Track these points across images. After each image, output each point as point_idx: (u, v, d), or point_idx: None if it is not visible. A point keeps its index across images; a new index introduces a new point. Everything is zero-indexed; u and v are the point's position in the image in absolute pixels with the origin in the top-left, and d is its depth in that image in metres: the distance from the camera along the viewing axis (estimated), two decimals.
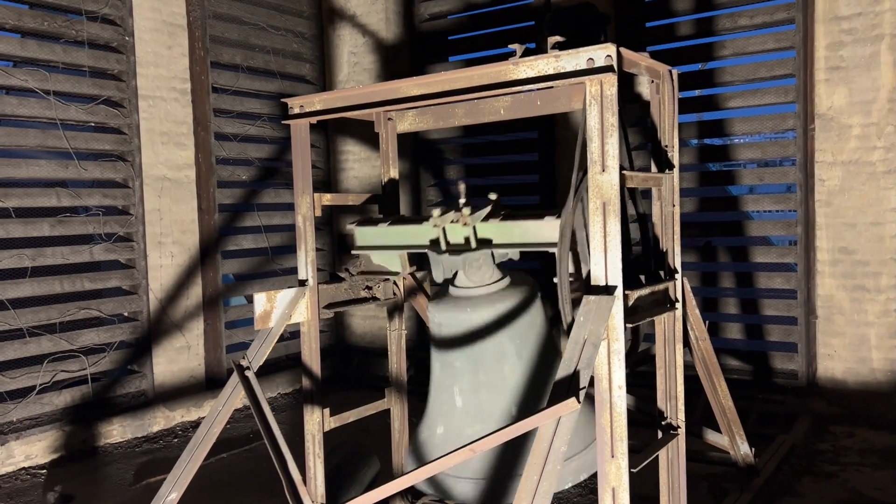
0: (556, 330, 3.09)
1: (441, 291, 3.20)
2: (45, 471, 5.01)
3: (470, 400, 2.99)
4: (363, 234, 3.27)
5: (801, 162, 5.44)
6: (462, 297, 3.02)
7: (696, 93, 6.22)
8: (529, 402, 2.91)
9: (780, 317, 5.74)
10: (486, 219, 2.83)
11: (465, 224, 2.84)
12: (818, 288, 5.42)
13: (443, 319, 3.07)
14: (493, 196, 2.92)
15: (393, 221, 3.19)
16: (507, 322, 2.95)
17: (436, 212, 2.95)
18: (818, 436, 5.03)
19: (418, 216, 3.19)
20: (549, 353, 3.01)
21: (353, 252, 3.37)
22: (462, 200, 2.93)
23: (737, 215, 7.39)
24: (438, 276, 3.03)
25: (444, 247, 2.94)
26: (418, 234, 3.05)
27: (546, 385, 2.93)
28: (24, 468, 5.01)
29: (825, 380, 5.42)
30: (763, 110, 5.73)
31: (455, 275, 3.05)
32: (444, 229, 2.92)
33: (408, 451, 3.37)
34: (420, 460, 3.08)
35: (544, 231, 2.69)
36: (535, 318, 3.00)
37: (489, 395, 2.95)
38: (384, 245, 3.22)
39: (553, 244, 2.62)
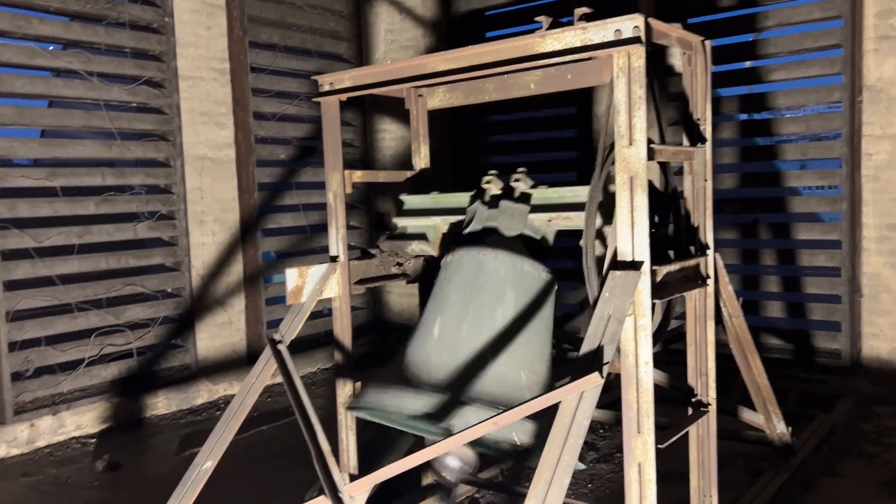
0: (560, 330, 3.17)
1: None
2: (94, 440, 5.20)
3: (449, 330, 2.93)
4: (410, 201, 3.54)
5: (847, 135, 5.27)
6: (481, 239, 3.05)
7: (747, 64, 6.05)
8: (507, 354, 2.81)
9: (824, 295, 5.61)
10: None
11: (515, 187, 3.08)
12: (864, 266, 5.27)
13: (453, 256, 3.04)
14: (521, 170, 3.07)
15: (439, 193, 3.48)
16: (517, 277, 2.91)
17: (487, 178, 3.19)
18: (861, 416, 4.92)
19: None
20: (543, 333, 2.92)
21: (395, 220, 3.53)
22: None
23: (782, 191, 7.20)
24: (476, 227, 3.11)
25: (486, 198, 3.14)
26: (461, 202, 3.30)
27: (529, 353, 2.85)
28: (74, 437, 5.22)
29: (870, 359, 5.29)
30: (808, 82, 5.56)
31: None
32: (489, 189, 3.15)
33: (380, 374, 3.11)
34: (387, 380, 2.96)
35: (580, 194, 2.82)
36: (543, 297, 2.93)
37: (471, 329, 2.88)
38: (428, 209, 3.44)
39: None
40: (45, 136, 8.85)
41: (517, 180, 3.08)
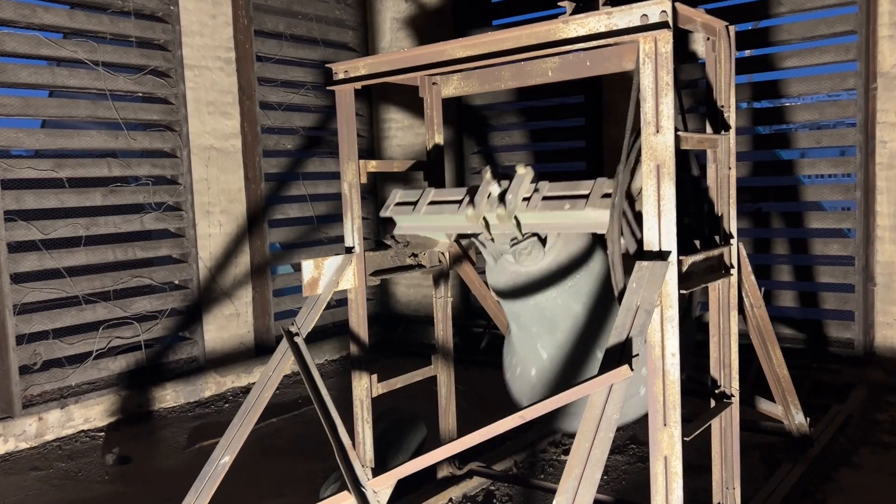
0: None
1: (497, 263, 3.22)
2: (102, 433, 5.17)
3: (553, 353, 3.16)
4: (401, 222, 3.23)
5: (861, 123, 5.22)
6: (523, 274, 3.06)
7: (746, 53, 5.98)
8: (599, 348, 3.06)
9: (837, 284, 5.56)
10: (526, 199, 2.75)
11: (504, 219, 2.78)
12: (877, 254, 5.23)
13: (509, 305, 3.19)
14: (521, 170, 2.82)
15: (431, 202, 3.09)
16: (570, 288, 2.98)
17: (469, 211, 2.86)
18: (876, 406, 4.89)
19: (457, 192, 3.04)
20: (610, 295, 3.03)
21: (395, 234, 3.36)
22: (493, 189, 2.84)
23: (791, 180, 7.16)
24: (490, 261, 3.12)
25: (489, 236, 2.95)
26: (457, 218, 2.98)
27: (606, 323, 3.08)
28: (83, 431, 5.18)
29: (884, 348, 5.26)
30: (822, 69, 5.49)
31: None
32: (485, 220, 2.86)
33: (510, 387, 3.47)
34: (520, 394, 3.34)
35: (588, 218, 2.61)
36: (594, 268, 3.02)
37: (570, 345, 3.11)
38: (424, 227, 3.24)
39: (600, 226, 2.60)
40: (45, 126, 8.76)
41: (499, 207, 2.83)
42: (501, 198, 2.80)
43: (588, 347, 3.08)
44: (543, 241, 2.94)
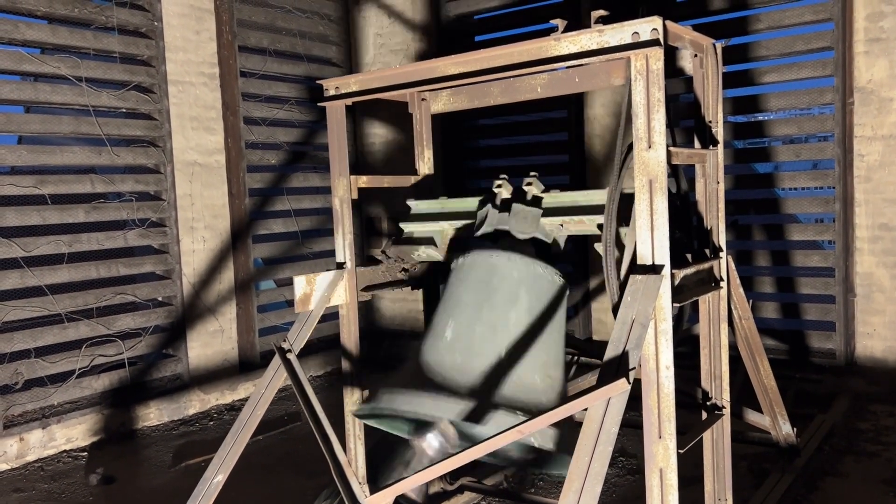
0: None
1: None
2: (85, 453, 5.09)
3: (462, 332, 2.91)
4: (418, 206, 3.51)
5: (839, 137, 5.32)
6: (493, 242, 3.09)
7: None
8: (521, 357, 2.82)
9: (818, 295, 5.65)
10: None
11: (526, 191, 3.08)
12: (857, 265, 5.32)
13: (465, 258, 3.05)
14: (533, 174, 3.09)
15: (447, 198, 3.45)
16: (530, 279, 2.90)
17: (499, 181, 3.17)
18: (858, 415, 4.96)
19: (470, 200, 3.35)
20: (557, 336, 2.93)
21: (402, 225, 3.50)
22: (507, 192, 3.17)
23: (769, 192, 7.27)
24: (488, 230, 3.12)
25: (497, 202, 3.13)
26: (470, 206, 3.27)
27: (543, 356, 2.86)
28: (65, 451, 5.10)
29: (864, 358, 5.34)
30: (800, 84, 5.61)
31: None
32: (500, 193, 3.13)
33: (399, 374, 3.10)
34: (398, 385, 2.96)
35: (593, 199, 2.87)
36: (555, 300, 2.94)
37: (484, 331, 2.88)
38: (436, 213, 3.39)
39: (601, 209, 2.73)
40: (22, 142, 8.67)
41: (529, 184, 3.06)
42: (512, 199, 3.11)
43: (495, 350, 2.85)
44: (546, 246, 3.00)
